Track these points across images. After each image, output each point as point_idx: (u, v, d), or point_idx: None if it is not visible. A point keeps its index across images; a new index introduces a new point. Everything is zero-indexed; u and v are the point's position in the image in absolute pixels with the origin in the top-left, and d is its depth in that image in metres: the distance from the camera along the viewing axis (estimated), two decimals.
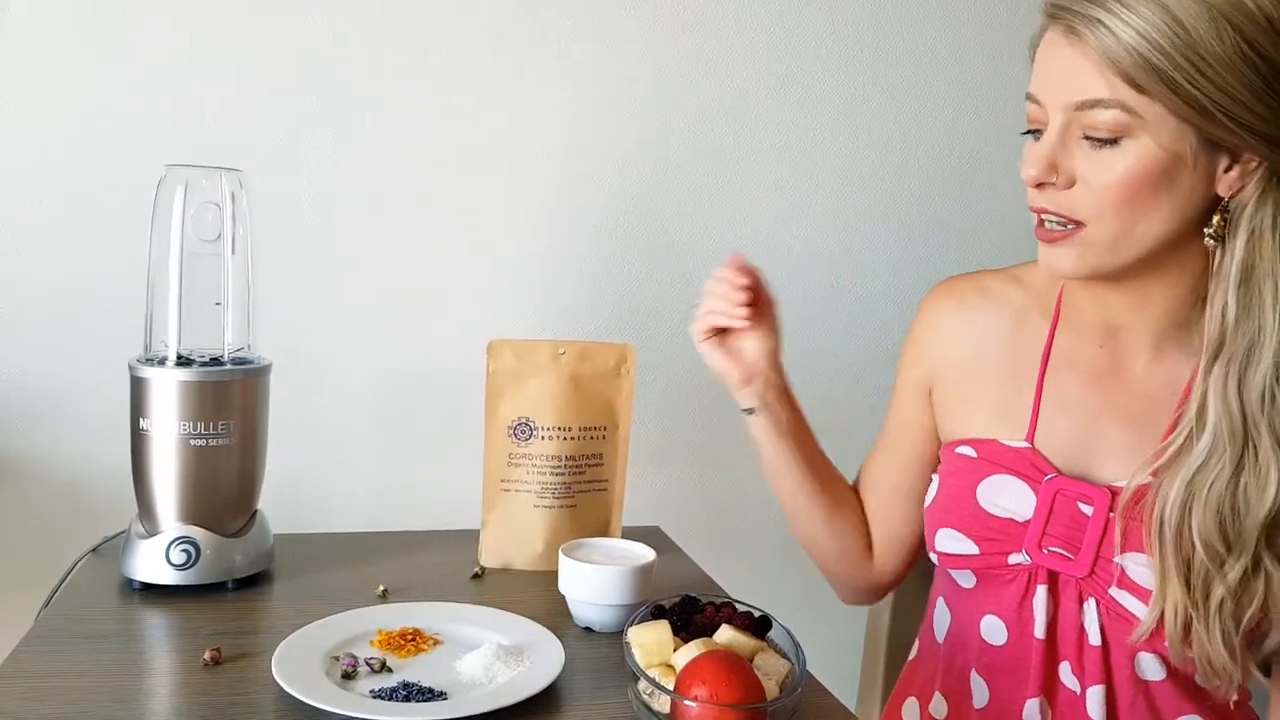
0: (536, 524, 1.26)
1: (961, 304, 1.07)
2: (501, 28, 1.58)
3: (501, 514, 1.27)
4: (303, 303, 1.55)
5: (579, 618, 1.10)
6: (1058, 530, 0.96)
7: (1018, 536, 0.98)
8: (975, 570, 1.02)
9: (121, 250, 1.44)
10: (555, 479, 1.25)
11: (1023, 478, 0.98)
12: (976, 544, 1.00)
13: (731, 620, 0.96)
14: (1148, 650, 0.95)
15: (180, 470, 1.12)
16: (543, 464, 1.25)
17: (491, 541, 1.27)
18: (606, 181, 1.65)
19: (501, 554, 1.27)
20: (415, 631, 1.01)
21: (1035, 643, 0.98)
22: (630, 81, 1.64)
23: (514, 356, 1.25)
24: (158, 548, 1.11)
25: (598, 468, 1.27)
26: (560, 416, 1.25)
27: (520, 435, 1.25)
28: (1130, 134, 0.83)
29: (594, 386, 1.26)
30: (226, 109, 1.49)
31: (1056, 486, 0.96)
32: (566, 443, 1.25)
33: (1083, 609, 0.96)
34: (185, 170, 1.14)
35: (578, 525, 1.27)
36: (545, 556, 1.25)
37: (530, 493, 1.25)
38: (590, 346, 1.26)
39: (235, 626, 1.05)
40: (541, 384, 1.24)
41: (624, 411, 1.28)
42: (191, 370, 1.11)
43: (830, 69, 1.72)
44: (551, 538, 1.24)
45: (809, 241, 1.75)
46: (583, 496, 1.27)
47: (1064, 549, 0.96)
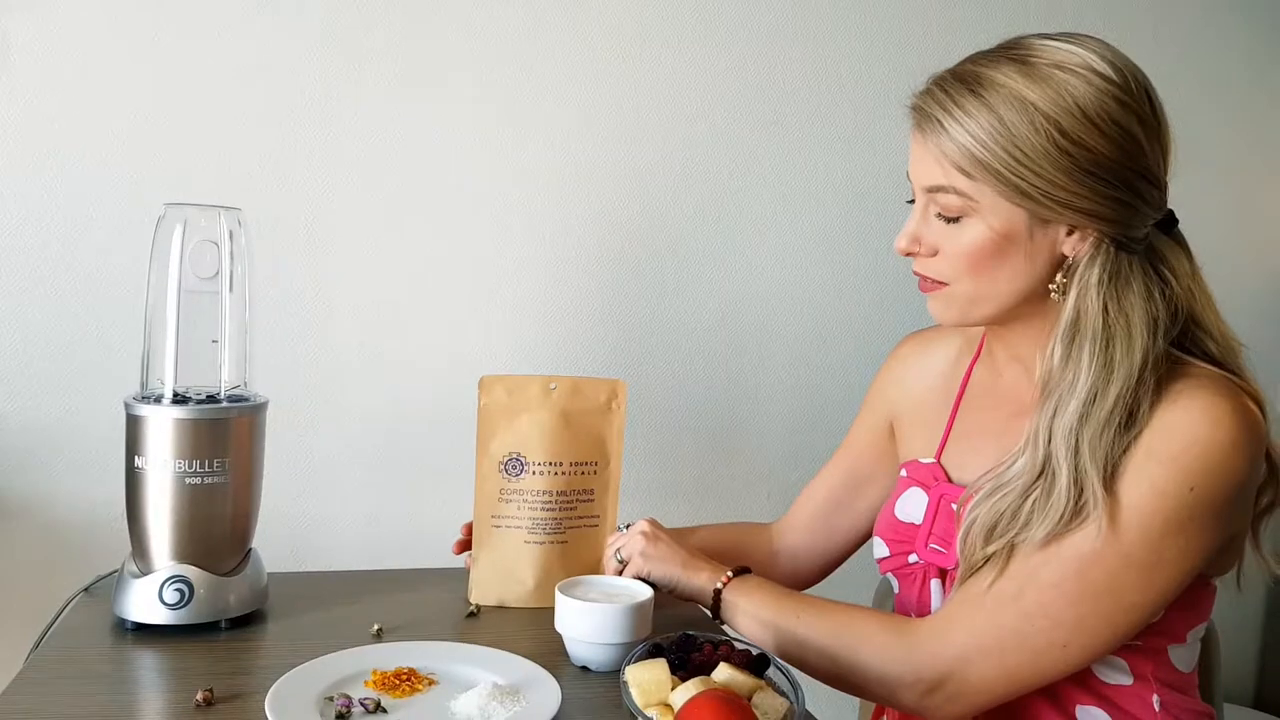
0: (527, 560, 1.25)
1: (917, 351, 1.26)
2: (500, 64, 1.60)
3: (492, 550, 1.26)
4: (299, 341, 1.56)
5: (575, 656, 1.09)
6: (939, 529, 1.09)
7: (913, 537, 1.12)
8: (892, 571, 1.17)
9: (119, 287, 1.45)
10: (546, 514, 1.24)
11: (924, 488, 1.14)
12: (888, 547, 1.15)
13: (730, 658, 0.95)
14: None
15: (175, 508, 1.11)
16: (533, 499, 1.24)
17: (483, 578, 1.26)
18: (603, 219, 1.67)
19: (492, 591, 1.26)
20: (410, 671, 1.01)
21: None
22: (625, 118, 1.66)
23: (505, 392, 1.25)
24: (151, 587, 1.11)
25: (588, 503, 1.27)
26: (551, 451, 1.24)
27: (511, 471, 1.24)
28: (968, 214, 0.97)
29: (585, 421, 1.26)
30: (225, 147, 1.51)
31: (941, 492, 1.11)
32: (557, 478, 1.25)
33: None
34: (184, 208, 1.15)
35: (569, 561, 1.25)
36: (536, 594, 1.24)
37: (521, 528, 1.25)
38: (581, 381, 1.26)
39: (228, 667, 1.04)
40: (532, 419, 1.24)
41: (615, 446, 1.27)
42: (187, 408, 1.11)
43: (826, 103, 1.75)
44: (542, 575, 1.24)
45: (803, 271, 1.76)
46: (574, 532, 1.26)
47: (940, 545, 1.09)
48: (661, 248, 1.70)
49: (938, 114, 0.97)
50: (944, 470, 1.14)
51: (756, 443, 1.78)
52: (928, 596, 1.11)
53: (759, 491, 1.79)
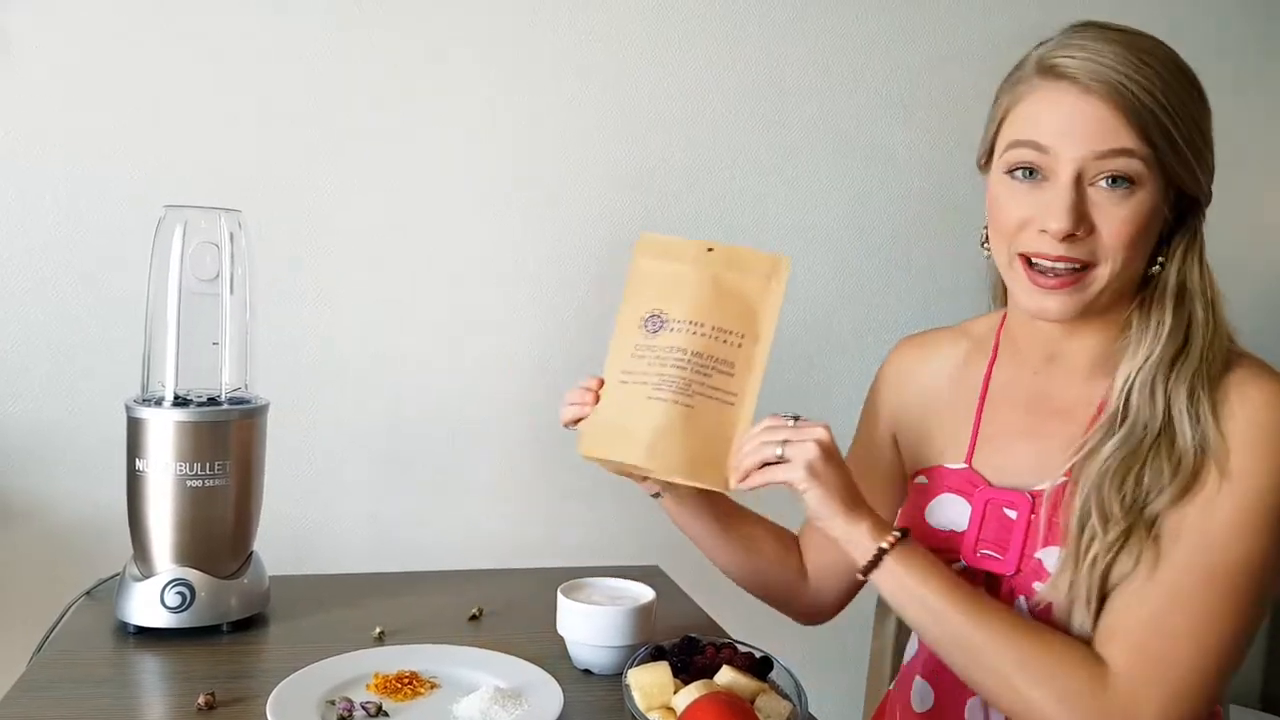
0: (646, 416, 1.07)
1: (917, 355, 1.21)
2: (501, 65, 1.60)
3: (613, 404, 1.11)
4: (300, 342, 1.56)
5: (578, 659, 1.09)
6: (989, 535, 1.05)
7: (957, 545, 1.06)
8: None
9: (119, 290, 1.45)
10: (676, 372, 1.07)
11: (961, 494, 1.08)
12: None
13: (732, 661, 0.96)
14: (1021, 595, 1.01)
15: (176, 511, 1.12)
16: (665, 354, 1.09)
17: (594, 428, 1.10)
18: (605, 219, 1.67)
19: (601, 442, 1.09)
20: (412, 674, 1.01)
21: None
22: (627, 117, 1.66)
23: (660, 251, 1.14)
24: (153, 590, 1.11)
25: (726, 376, 1.08)
26: (693, 310, 1.10)
27: (650, 327, 1.11)
28: (1140, 182, 0.93)
29: (738, 290, 1.10)
30: (225, 149, 1.50)
31: (986, 496, 1.05)
32: (695, 337, 1.09)
33: (1016, 605, 1.02)
34: (184, 210, 1.15)
35: (690, 429, 1.06)
36: (646, 453, 1.05)
37: (647, 384, 1.08)
38: (741, 251, 1.12)
39: (230, 670, 1.05)
40: (681, 277, 1.12)
41: (765, 324, 1.09)
42: (188, 410, 1.11)
43: (828, 102, 1.75)
44: (658, 435, 1.05)
45: (806, 270, 1.76)
46: (703, 401, 1.07)
47: (994, 550, 1.03)
48: None
49: (1118, 77, 0.92)
50: (979, 474, 1.08)
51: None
52: None
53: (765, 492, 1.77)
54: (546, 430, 1.66)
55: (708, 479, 1.04)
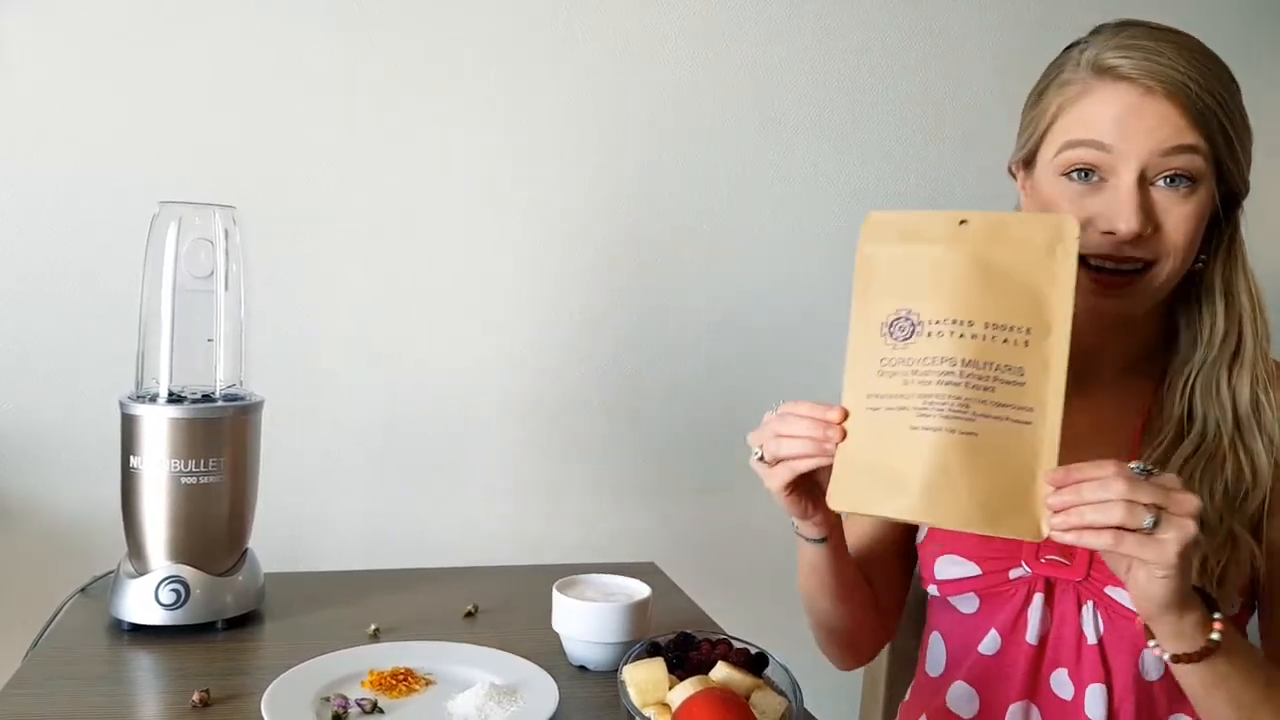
0: (915, 453, 0.84)
1: None
2: (500, 64, 1.60)
3: (865, 440, 0.88)
4: (295, 339, 1.56)
5: (573, 656, 1.10)
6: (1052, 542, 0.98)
7: (1016, 552, 1.04)
8: (978, 591, 1.06)
9: (113, 286, 1.45)
10: (945, 390, 0.84)
11: None
12: (979, 565, 1.05)
13: (728, 657, 0.96)
14: None
15: (170, 508, 1.12)
16: (927, 369, 0.86)
17: (846, 474, 0.88)
18: (606, 216, 1.67)
19: (857, 492, 0.87)
20: (407, 671, 1.01)
21: (1026, 648, 1.02)
22: (627, 116, 1.66)
23: (896, 233, 0.91)
24: (147, 587, 1.11)
25: (1015, 388, 0.84)
26: (957, 306, 0.86)
27: (898, 333, 0.89)
28: (1200, 179, 0.94)
29: (1012, 271, 0.87)
30: (220, 145, 1.50)
31: None
32: (965, 341, 0.85)
33: (1081, 612, 1.01)
34: (179, 207, 1.15)
35: (979, 465, 0.83)
36: (928, 500, 0.83)
37: (908, 410, 0.85)
38: (1006, 220, 0.89)
39: (225, 667, 1.05)
40: (932, 263, 0.88)
41: (1058, 309, 0.85)
42: (183, 407, 1.11)
43: (829, 100, 1.75)
44: (937, 479, 0.83)
45: (807, 269, 1.77)
46: (989, 425, 0.83)
47: (1060, 556, 1.02)
48: (664, 247, 1.70)
49: (1175, 73, 0.92)
50: None
51: None
52: (1028, 615, 1.02)
53: (761, 491, 1.77)
54: (543, 428, 1.68)
55: (1012, 526, 0.82)
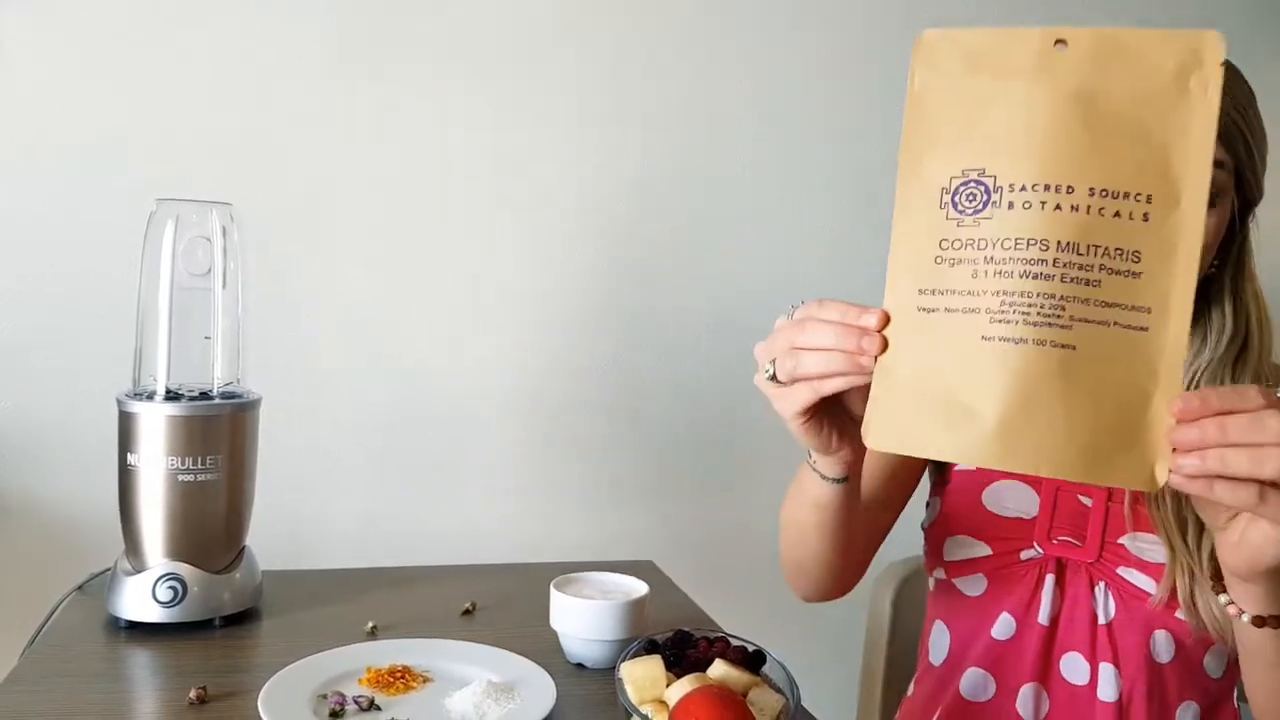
0: (988, 374, 0.64)
1: None
2: (497, 61, 1.60)
3: (915, 354, 0.67)
4: (293, 337, 1.56)
5: (570, 653, 1.10)
6: (1063, 522, 1.04)
7: (1028, 532, 1.06)
8: (988, 572, 1.08)
9: (111, 284, 1.45)
10: (1034, 285, 0.63)
11: (1023, 480, 1.06)
12: (989, 544, 1.07)
13: (725, 655, 0.96)
14: (1161, 628, 1.01)
15: (167, 506, 1.12)
16: (1008, 255, 0.64)
17: (889, 403, 0.68)
18: (605, 212, 1.67)
19: (904, 426, 0.68)
20: (405, 669, 1.01)
21: (1037, 628, 1.04)
22: (623, 112, 1.66)
23: (963, 58, 0.68)
24: (144, 585, 1.11)
25: (1129, 280, 0.63)
26: (1051, 165, 0.64)
27: (965, 204, 0.66)
28: (1224, 192, 0.95)
29: (1129, 114, 0.64)
30: (218, 142, 1.51)
31: (1056, 483, 1.04)
32: (1063, 216, 0.63)
33: (1093, 592, 1.03)
34: (176, 204, 1.16)
35: (1081, 390, 0.63)
36: (1005, 438, 0.63)
37: (977, 312, 0.64)
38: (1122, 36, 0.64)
39: (222, 665, 1.05)
40: (1014, 103, 0.65)
41: (1193, 169, 0.63)
42: (180, 404, 1.12)
43: (826, 97, 1.75)
44: (1021, 403, 0.63)
45: (804, 266, 1.77)
46: (1092, 333, 0.63)
47: (1071, 537, 1.04)
48: (664, 246, 1.70)
49: None
50: None
51: (757, 443, 1.77)
52: (1041, 596, 1.03)
53: (760, 491, 1.78)
54: (542, 427, 1.68)
55: (1121, 472, 0.63)
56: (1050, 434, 0.63)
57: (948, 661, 1.12)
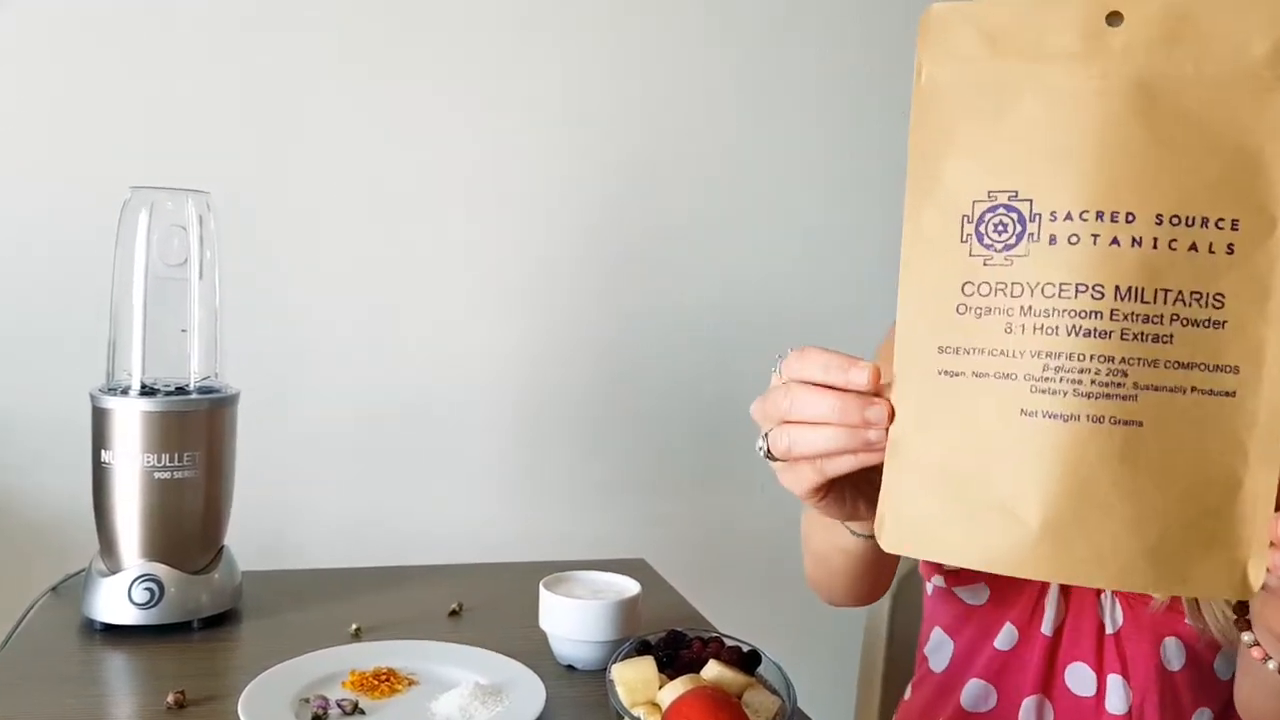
0: (1029, 459, 0.54)
1: None
2: (487, 49, 1.59)
3: (938, 429, 0.57)
4: (272, 329, 1.55)
5: (560, 655, 1.09)
6: None
7: None
8: (989, 582, 1.05)
9: (83, 275, 1.43)
10: (1085, 344, 0.53)
11: None
12: None
13: (719, 655, 0.96)
14: (1171, 634, 0.98)
15: (143, 504, 1.11)
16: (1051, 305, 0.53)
17: (903, 491, 0.59)
18: (593, 204, 1.66)
19: (923, 525, 0.58)
20: (390, 671, 1.01)
21: (1040, 639, 1.02)
22: (617, 103, 1.66)
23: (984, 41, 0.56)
24: (120, 586, 1.11)
25: (1209, 333, 0.52)
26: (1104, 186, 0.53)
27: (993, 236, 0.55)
28: None
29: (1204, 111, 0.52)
30: (194, 128, 1.49)
31: None
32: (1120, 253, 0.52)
33: (1100, 599, 1.00)
34: (150, 192, 1.14)
35: (1150, 479, 0.53)
36: (1050, 546, 0.53)
37: (1015, 378, 0.54)
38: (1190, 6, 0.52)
39: (200, 668, 1.04)
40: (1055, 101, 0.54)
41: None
42: (155, 400, 1.11)
43: (822, 91, 1.75)
44: (1074, 498, 0.53)
45: (803, 258, 1.77)
46: (1163, 404, 0.52)
47: None
48: (655, 236, 1.70)
49: None
50: None
51: (753, 437, 1.75)
52: (1045, 604, 1.01)
53: (753, 481, 1.78)
54: (531, 421, 1.67)
55: (1202, 581, 0.53)
56: (1109, 537, 0.52)
57: (949, 670, 1.11)
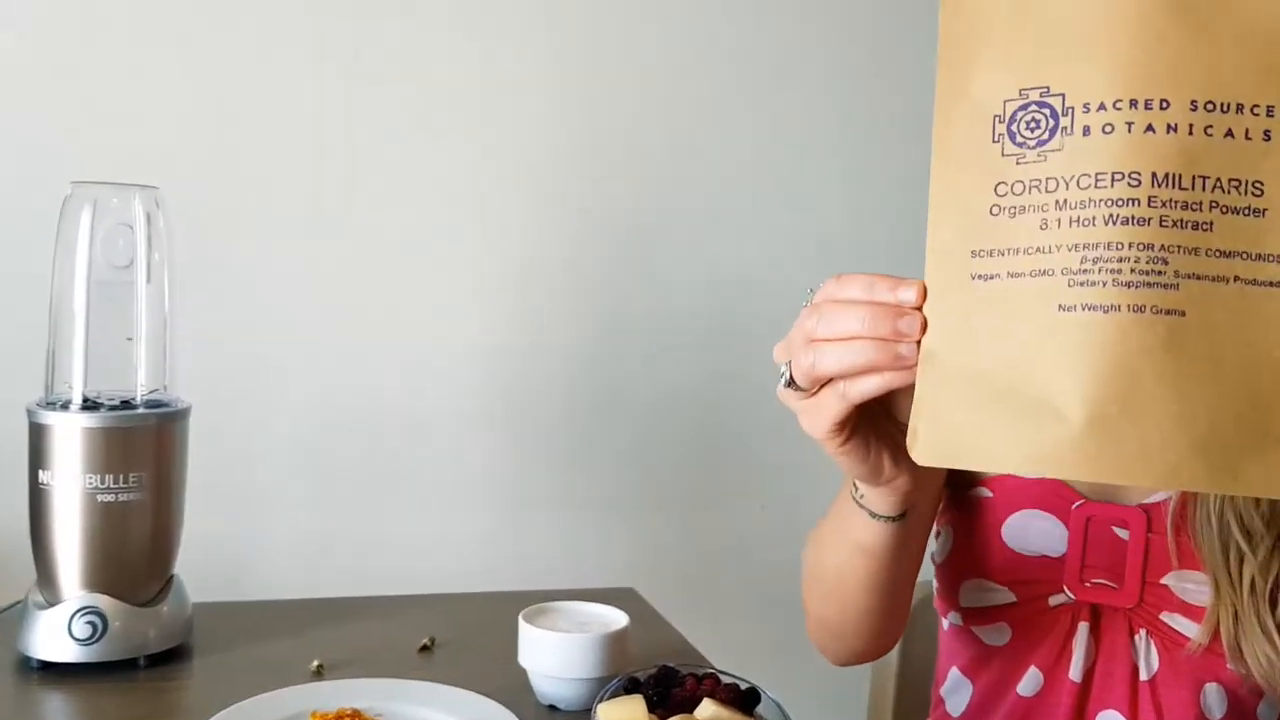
0: (1070, 354, 0.54)
1: None
2: (462, 33, 1.59)
3: (970, 334, 0.58)
4: (227, 338, 1.54)
5: (542, 693, 1.08)
6: (1097, 561, 0.96)
7: (1056, 574, 0.98)
8: (1012, 621, 1.01)
9: (19, 278, 1.41)
10: (1124, 233, 0.53)
11: (1049, 510, 0.99)
12: (1012, 590, 1.00)
13: (714, 693, 0.93)
14: (1212, 680, 0.95)
15: (85, 530, 1.10)
16: (1087, 196, 0.54)
17: (938, 401, 0.59)
18: (575, 208, 1.66)
19: (960, 432, 0.58)
20: (355, 713, 0.99)
21: (1069, 685, 0.98)
22: (602, 93, 1.65)
23: None
24: (59, 619, 1.09)
25: (1250, 221, 0.53)
26: (1137, 72, 0.54)
27: (1026, 134, 0.57)
28: None
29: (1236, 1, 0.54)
30: (141, 117, 1.47)
31: (1087, 513, 0.95)
32: (1158, 140, 0.53)
33: (1133, 642, 0.96)
34: (94, 187, 1.13)
35: (1195, 368, 0.53)
36: (1095, 440, 0.53)
37: (1053, 274, 0.55)
38: None
39: (148, 709, 1.03)
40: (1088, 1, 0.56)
41: None
42: (99, 415, 1.09)
43: (812, 79, 1.75)
44: (1118, 391, 0.53)
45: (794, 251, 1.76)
46: (1205, 293, 0.53)
47: (1107, 579, 0.96)
48: (642, 236, 1.69)
49: None
50: (1065, 483, 0.95)
51: (752, 453, 1.76)
52: (1073, 647, 0.97)
53: (753, 502, 1.77)
54: (509, 437, 1.66)
55: (1254, 478, 0.53)
56: (1156, 430, 0.52)
57: (967, 715, 1.07)
